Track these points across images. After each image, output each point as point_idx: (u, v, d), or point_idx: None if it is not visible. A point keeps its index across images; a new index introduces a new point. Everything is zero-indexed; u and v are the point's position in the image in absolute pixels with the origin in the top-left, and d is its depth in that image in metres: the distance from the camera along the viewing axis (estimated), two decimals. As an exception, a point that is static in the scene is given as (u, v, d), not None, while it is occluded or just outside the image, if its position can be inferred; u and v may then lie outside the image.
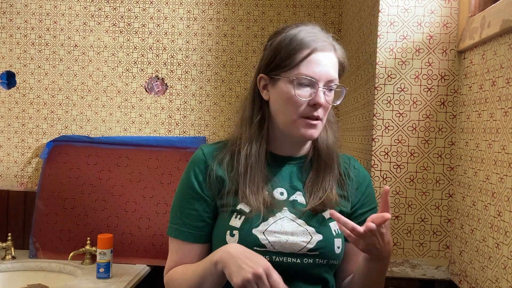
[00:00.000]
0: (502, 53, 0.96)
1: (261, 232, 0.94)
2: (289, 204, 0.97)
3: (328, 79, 0.93)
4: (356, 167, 1.06)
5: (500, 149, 0.95)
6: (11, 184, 2.23)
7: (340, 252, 0.97)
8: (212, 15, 2.19)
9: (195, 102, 2.21)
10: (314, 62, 0.93)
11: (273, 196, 0.97)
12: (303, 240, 0.94)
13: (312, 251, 0.94)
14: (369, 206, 1.03)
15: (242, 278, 0.82)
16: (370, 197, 1.04)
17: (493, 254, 0.97)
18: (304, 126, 0.95)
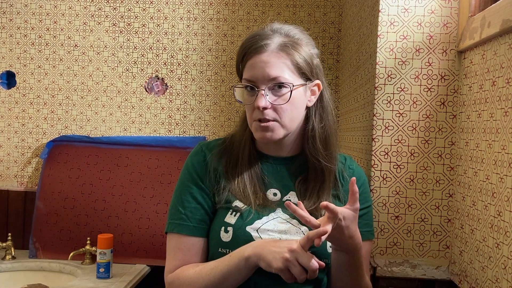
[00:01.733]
0: (502, 53, 0.96)
1: (255, 230, 0.94)
2: (282, 204, 0.97)
3: (268, 79, 0.93)
4: (351, 167, 1.06)
5: (500, 149, 0.95)
6: (11, 184, 2.23)
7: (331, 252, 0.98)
8: (212, 15, 2.19)
9: (195, 102, 2.21)
10: (251, 66, 0.95)
11: (266, 196, 0.99)
12: (295, 239, 0.93)
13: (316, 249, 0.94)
14: (362, 205, 1.01)
15: (282, 260, 0.84)
16: (363, 195, 1.03)
17: (493, 254, 0.97)
18: (257, 129, 0.97)
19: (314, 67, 0.99)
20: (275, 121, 0.95)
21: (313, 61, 0.99)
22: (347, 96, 1.87)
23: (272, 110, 0.94)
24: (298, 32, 1.00)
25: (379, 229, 1.24)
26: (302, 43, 0.98)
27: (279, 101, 0.94)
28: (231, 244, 0.94)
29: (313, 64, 0.99)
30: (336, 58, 2.18)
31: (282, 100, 0.94)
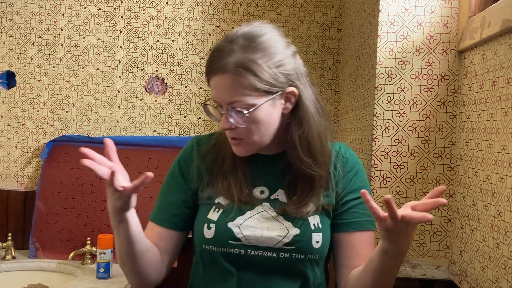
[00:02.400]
0: (502, 53, 0.96)
1: (237, 226, 0.94)
2: (269, 201, 0.97)
3: (226, 103, 0.90)
4: (345, 156, 1.01)
5: (500, 149, 0.95)
6: (11, 184, 2.23)
7: (321, 247, 0.95)
8: (212, 15, 2.19)
9: (195, 102, 2.21)
10: (213, 87, 0.94)
11: (252, 194, 0.97)
12: (278, 235, 0.93)
13: (288, 245, 0.93)
14: (356, 194, 0.98)
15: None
16: (359, 184, 1.00)
17: (493, 254, 0.97)
18: (231, 144, 0.96)
19: (283, 75, 0.89)
20: (240, 139, 0.93)
21: (280, 71, 0.89)
22: (347, 96, 1.87)
23: (238, 130, 0.91)
24: (259, 39, 0.89)
25: (379, 229, 1.24)
26: (263, 55, 0.87)
27: (241, 123, 0.89)
28: (214, 241, 0.95)
29: (278, 74, 0.88)
30: (336, 58, 2.18)
31: (244, 123, 0.89)
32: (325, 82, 2.19)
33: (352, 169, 1.01)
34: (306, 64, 2.22)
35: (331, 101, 2.20)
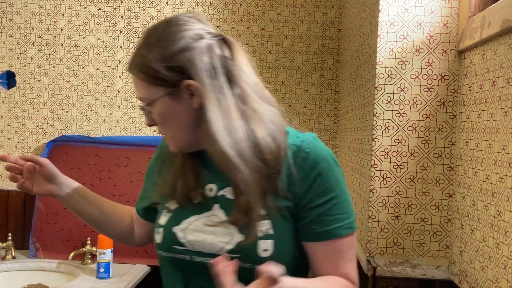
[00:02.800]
0: (502, 53, 0.96)
1: (181, 230, 0.89)
2: (217, 200, 0.89)
3: (140, 100, 0.91)
4: (306, 152, 0.86)
5: (500, 149, 0.95)
6: (11, 184, 2.23)
7: (271, 256, 0.83)
8: (212, 15, 2.19)
9: (195, 102, 2.21)
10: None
11: (203, 192, 0.90)
12: (221, 240, 0.85)
13: (232, 253, 0.84)
14: (322, 199, 0.85)
15: None
16: (321, 188, 0.85)
17: (493, 254, 0.97)
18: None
19: (174, 69, 0.85)
20: (166, 135, 0.95)
21: (170, 64, 0.85)
22: (347, 96, 1.87)
23: (158, 127, 0.94)
24: (156, 33, 0.88)
25: (379, 229, 1.24)
26: (154, 50, 0.86)
27: (151, 119, 0.93)
28: (162, 246, 0.91)
29: (167, 68, 0.85)
30: (336, 58, 2.18)
31: (153, 119, 0.92)
32: (325, 82, 2.19)
33: (314, 168, 0.85)
34: (306, 64, 2.23)
35: (331, 101, 2.20)
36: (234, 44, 0.94)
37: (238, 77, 0.88)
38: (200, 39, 0.88)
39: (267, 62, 2.20)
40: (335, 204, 0.86)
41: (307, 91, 2.20)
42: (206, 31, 0.91)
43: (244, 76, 0.89)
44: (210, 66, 0.86)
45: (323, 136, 2.21)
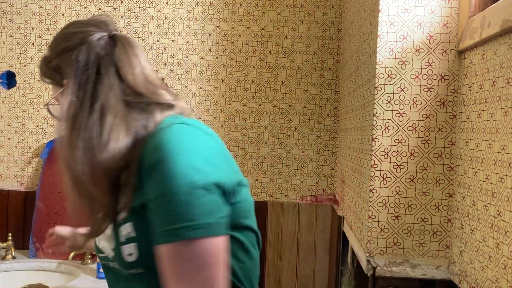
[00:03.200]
0: (502, 53, 0.96)
1: (97, 239, 0.92)
2: None
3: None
4: (153, 141, 0.78)
5: (500, 149, 0.95)
6: (11, 184, 2.23)
7: (135, 261, 0.80)
8: (212, 15, 2.19)
9: (195, 102, 2.21)
10: None
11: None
12: (109, 247, 0.87)
13: (114, 259, 0.85)
14: (152, 194, 0.75)
15: None
16: (152, 182, 0.75)
17: (493, 254, 0.97)
18: None
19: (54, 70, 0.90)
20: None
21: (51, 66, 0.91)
22: (347, 96, 1.87)
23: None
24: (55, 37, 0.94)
25: (379, 229, 1.24)
26: (47, 51, 0.94)
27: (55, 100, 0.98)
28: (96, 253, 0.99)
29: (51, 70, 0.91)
30: (336, 58, 2.18)
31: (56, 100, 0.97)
32: (325, 82, 2.19)
33: (153, 160, 0.75)
34: (306, 64, 2.23)
35: (331, 101, 2.20)
36: (123, 42, 0.90)
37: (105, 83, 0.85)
38: (82, 40, 0.88)
39: (267, 62, 2.20)
40: (162, 203, 0.74)
41: (307, 91, 2.20)
42: (94, 32, 0.90)
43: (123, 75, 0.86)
44: (83, 67, 0.86)
45: (323, 136, 2.21)
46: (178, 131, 0.77)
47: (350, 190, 1.67)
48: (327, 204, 2.24)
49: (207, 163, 0.75)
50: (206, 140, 0.80)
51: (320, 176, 2.23)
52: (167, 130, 0.78)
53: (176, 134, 0.77)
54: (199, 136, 0.79)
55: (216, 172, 0.76)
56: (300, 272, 2.26)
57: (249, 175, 2.23)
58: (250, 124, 2.22)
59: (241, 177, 0.88)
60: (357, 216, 1.45)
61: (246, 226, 0.88)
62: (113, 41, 0.90)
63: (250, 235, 0.89)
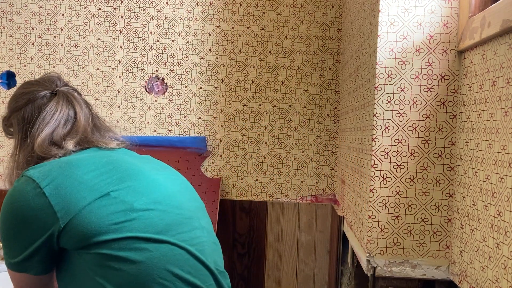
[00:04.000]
0: (502, 53, 0.96)
1: None
2: None
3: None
4: None
5: (500, 149, 0.95)
6: (11, 184, 2.23)
7: None
8: (212, 15, 2.19)
9: (195, 102, 2.21)
10: None
11: None
12: None
13: None
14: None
15: None
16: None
17: (493, 254, 0.97)
18: None
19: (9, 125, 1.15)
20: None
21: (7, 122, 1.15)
22: (347, 96, 1.87)
23: None
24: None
25: (379, 229, 1.24)
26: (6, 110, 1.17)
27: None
28: None
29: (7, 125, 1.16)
30: (336, 58, 2.18)
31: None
32: (325, 82, 2.19)
33: None
34: (306, 64, 2.23)
35: (331, 101, 2.20)
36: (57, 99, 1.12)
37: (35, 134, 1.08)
38: (28, 100, 1.10)
39: (267, 62, 2.20)
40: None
41: (307, 91, 2.20)
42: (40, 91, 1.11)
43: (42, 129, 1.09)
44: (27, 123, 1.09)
45: (323, 136, 2.21)
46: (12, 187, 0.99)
47: (350, 190, 1.67)
48: (327, 204, 2.24)
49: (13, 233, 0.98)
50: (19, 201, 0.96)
51: (320, 176, 2.23)
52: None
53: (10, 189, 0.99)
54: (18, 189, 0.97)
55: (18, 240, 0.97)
56: (300, 272, 2.26)
57: (249, 175, 2.23)
58: (250, 124, 2.22)
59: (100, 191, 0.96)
60: (357, 216, 1.45)
61: (105, 241, 0.94)
62: (54, 96, 1.11)
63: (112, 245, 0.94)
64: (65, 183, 0.94)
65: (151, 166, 1.10)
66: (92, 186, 0.95)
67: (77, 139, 1.07)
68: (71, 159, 1.00)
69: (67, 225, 0.92)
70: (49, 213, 0.92)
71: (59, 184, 0.94)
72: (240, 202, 2.22)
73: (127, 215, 0.95)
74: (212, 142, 2.23)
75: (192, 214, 1.06)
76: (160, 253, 0.95)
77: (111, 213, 0.94)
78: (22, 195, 0.94)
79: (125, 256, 0.93)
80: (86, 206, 0.93)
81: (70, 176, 0.95)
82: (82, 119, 1.10)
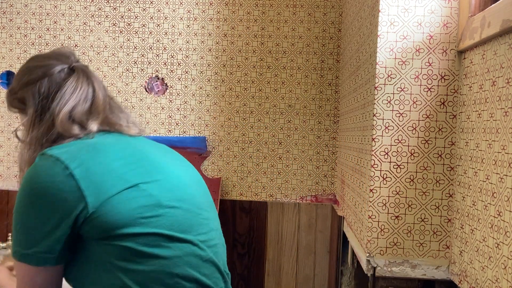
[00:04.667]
0: (502, 53, 0.96)
1: None
2: None
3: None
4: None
5: (500, 149, 0.95)
6: (11, 184, 2.23)
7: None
8: (212, 15, 2.19)
9: (195, 102, 2.21)
10: None
11: None
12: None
13: None
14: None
15: None
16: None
17: (493, 254, 0.97)
18: None
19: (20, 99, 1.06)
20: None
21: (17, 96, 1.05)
22: (347, 96, 1.87)
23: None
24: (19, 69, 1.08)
25: (379, 229, 1.24)
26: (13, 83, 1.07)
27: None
28: None
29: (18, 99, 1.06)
30: (336, 58, 2.18)
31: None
32: (325, 82, 2.19)
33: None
34: (306, 64, 2.23)
35: (331, 101, 2.20)
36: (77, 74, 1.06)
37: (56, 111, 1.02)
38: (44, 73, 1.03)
39: (267, 62, 2.20)
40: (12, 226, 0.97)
41: (307, 91, 2.20)
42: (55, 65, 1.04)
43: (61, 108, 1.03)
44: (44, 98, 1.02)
45: (323, 136, 2.21)
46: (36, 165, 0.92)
47: (350, 190, 1.67)
48: (327, 204, 2.24)
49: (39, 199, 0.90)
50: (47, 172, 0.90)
51: (320, 176, 2.23)
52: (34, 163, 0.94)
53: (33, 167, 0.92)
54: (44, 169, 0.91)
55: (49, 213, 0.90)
56: (300, 272, 2.26)
57: (249, 175, 2.23)
58: (250, 124, 2.22)
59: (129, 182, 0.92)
60: (357, 216, 1.45)
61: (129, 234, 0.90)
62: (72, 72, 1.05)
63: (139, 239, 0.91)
64: (94, 168, 0.89)
65: (173, 160, 1.07)
66: (121, 175, 0.91)
67: (100, 120, 1.03)
68: (97, 143, 0.96)
69: (95, 212, 0.87)
70: (77, 196, 0.87)
71: (88, 168, 0.89)
72: (240, 202, 2.22)
73: (154, 210, 0.92)
74: (212, 142, 2.23)
75: (209, 215, 1.04)
76: (182, 252, 0.94)
77: (140, 206, 0.91)
78: (48, 175, 0.88)
79: (150, 252, 0.90)
80: (116, 195, 0.89)
81: (99, 162, 0.91)
82: (101, 97, 1.04)
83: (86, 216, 0.87)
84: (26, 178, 0.90)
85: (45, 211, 0.88)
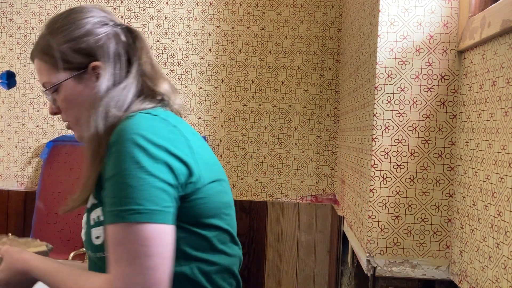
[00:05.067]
0: (502, 53, 0.96)
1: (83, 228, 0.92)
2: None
3: (42, 86, 0.93)
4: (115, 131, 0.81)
5: (500, 149, 0.95)
6: (11, 184, 2.23)
7: (102, 243, 0.82)
8: (212, 15, 2.19)
9: (195, 102, 2.21)
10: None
11: None
12: (83, 233, 0.90)
13: (86, 244, 0.88)
14: (107, 174, 0.78)
15: None
16: (110, 162, 0.78)
17: (493, 254, 0.97)
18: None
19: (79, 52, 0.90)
20: (68, 121, 0.95)
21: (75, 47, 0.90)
22: (347, 96, 1.87)
23: (62, 113, 0.94)
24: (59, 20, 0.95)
25: (379, 229, 1.24)
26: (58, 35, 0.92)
27: (54, 104, 0.93)
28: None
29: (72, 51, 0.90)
30: (336, 58, 2.18)
31: (56, 103, 0.93)
32: (325, 82, 2.19)
33: (113, 142, 0.79)
34: (306, 64, 2.23)
35: (331, 101, 2.20)
36: (138, 34, 0.97)
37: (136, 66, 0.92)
38: (105, 25, 0.93)
39: (267, 62, 2.20)
40: (112, 184, 0.76)
41: (307, 91, 2.20)
42: (110, 19, 0.96)
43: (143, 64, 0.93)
44: (116, 50, 0.91)
45: (323, 136, 2.21)
46: (135, 118, 0.80)
47: (350, 190, 1.67)
48: (327, 204, 2.24)
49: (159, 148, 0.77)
50: (164, 127, 0.81)
51: (320, 176, 2.23)
52: (128, 118, 0.81)
53: (134, 122, 0.79)
54: (158, 123, 0.81)
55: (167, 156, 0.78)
56: (300, 272, 2.26)
57: (249, 175, 2.23)
58: (250, 124, 2.22)
59: (216, 175, 0.89)
60: (357, 216, 1.45)
61: (212, 225, 0.87)
62: (130, 32, 0.96)
63: (216, 233, 0.89)
64: (197, 149, 0.84)
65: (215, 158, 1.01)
66: (212, 165, 0.88)
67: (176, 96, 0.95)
68: (186, 127, 0.88)
69: (194, 192, 0.81)
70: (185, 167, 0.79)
71: (192, 147, 0.82)
72: (240, 202, 2.22)
73: (229, 208, 0.92)
74: (212, 142, 2.23)
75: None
76: (237, 253, 0.95)
77: (225, 202, 0.90)
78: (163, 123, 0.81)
79: (220, 248, 0.88)
80: (212, 183, 0.85)
81: (199, 145, 0.86)
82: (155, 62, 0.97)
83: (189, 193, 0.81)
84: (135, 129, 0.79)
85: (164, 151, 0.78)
